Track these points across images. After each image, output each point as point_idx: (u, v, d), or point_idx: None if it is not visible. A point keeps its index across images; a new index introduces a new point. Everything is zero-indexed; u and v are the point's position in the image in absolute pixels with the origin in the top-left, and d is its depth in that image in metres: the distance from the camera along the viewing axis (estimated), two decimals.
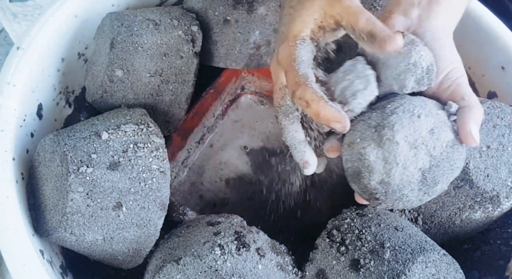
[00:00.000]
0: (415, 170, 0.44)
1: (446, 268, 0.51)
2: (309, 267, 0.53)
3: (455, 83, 0.47)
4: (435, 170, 0.45)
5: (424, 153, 0.44)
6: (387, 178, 0.44)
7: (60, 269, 0.55)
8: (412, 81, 0.46)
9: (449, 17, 0.50)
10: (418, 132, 0.44)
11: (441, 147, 0.45)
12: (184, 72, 0.62)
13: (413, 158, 0.44)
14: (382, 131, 0.44)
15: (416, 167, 0.44)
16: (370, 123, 0.45)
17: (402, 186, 0.45)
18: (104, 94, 0.61)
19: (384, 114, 0.45)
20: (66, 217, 0.49)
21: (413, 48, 0.46)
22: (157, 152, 0.52)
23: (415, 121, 0.44)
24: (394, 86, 0.47)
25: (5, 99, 0.55)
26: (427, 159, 0.44)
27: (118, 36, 0.60)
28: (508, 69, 0.68)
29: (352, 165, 0.46)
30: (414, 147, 0.44)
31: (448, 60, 0.48)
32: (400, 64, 0.46)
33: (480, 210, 0.57)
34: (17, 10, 0.89)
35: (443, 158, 0.45)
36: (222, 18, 0.66)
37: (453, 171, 0.46)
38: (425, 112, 0.45)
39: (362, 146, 0.45)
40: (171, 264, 0.50)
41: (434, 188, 0.46)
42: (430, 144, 0.44)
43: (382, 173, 0.44)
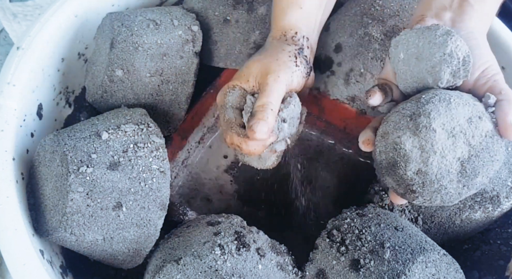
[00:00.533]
0: (454, 159, 0.43)
1: (446, 268, 0.51)
2: (309, 267, 0.53)
3: (492, 79, 0.47)
4: (475, 161, 0.43)
5: (462, 141, 0.43)
6: (425, 167, 0.43)
7: (60, 269, 0.55)
8: (447, 73, 0.45)
9: (482, 19, 0.51)
10: (455, 120, 0.43)
11: (480, 137, 0.43)
12: (184, 72, 0.62)
13: (452, 147, 0.43)
14: (418, 119, 0.43)
15: (454, 156, 0.43)
16: (405, 113, 0.44)
17: (440, 176, 0.43)
18: (104, 94, 0.61)
19: (419, 104, 0.44)
20: (66, 217, 0.49)
21: (449, 38, 0.45)
22: (157, 152, 0.52)
23: (452, 108, 0.43)
24: (429, 79, 0.46)
25: (5, 99, 0.55)
26: (466, 148, 0.43)
27: (118, 36, 0.60)
28: (508, 69, 0.68)
29: (386, 156, 0.45)
30: (452, 135, 0.43)
31: (484, 58, 0.48)
32: (435, 54, 0.45)
33: (480, 210, 0.57)
34: (17, 10, 0.89)
35: (482, 148, 0.43)
36: (222, 18, 0.66)
37: (493, 163, 0.44)
38: (462, 101, 0.44)
39: (397, 135, 0.44)
40: (171, 264, 0.50)
41: (474, 181, 0.44)
42: (468, 133, 0.43)
43: (419, 162, 0.43)
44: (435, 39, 0.46)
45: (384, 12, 0.65)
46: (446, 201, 0.45)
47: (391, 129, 0.45)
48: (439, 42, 0.45)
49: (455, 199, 0.45)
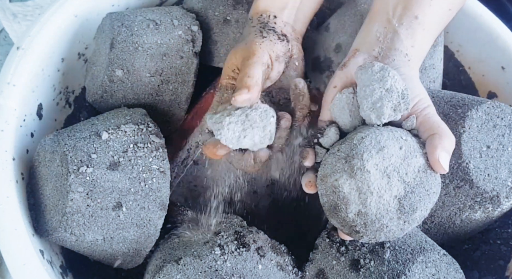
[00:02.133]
0: (391, 197, 0.44)
1: (446, 268, 0.51)
2: (309, 267, 0.53)
3: (423, 113, 0.47)
4: (411, 197, 0.44)
5: (397, 179, 0.44)
6: (364, 209, 0.44)
7: (60, 269, 0.55)
8: (389, 108, 0.46)
9: (412, 53, 0.51)
10: (387, 159, 0.44)
11: (413, 173, 0.44)
12: (184, 72, 0.62)
13: (387, 186, 0.44)
14: (352, 161, 0.44)
15: (391, 194, 0.44)
16: (340, 155, 0.45)
17: (380, 216, 0.44)
18: (104, 94, 0.61)
19: (352, 145, 0.45)
20: (66, 217, 0.49)
21: (386, 73, 0.46)
22: (157, 152, 0.52)
23: (384, 148, 0.44)
24: (372, 116, 0.47)
25: (5, 99, 0.55)
26: (401, 186, 0.44)
27: (118, 36, 0.60)
28: (508, 69, 0.68)
29: (328, 199, 0.46)
30: (386, 174, 0.44)
31: (414, 93, 0.48)
32: (376, 91, 0.46)
33: (480, 210, 0.57)
34: (17, 10, 0.89)
35: (417, 183, 0.44)
36: (222, 18, 0.66)
37: (429, 197, 0.45)
38: (393, 138, 0.45)
39: (335, 178, 0.45)
40: (171, 264, 0.50)
41: (413, 216, 0.45)
42: (402, 171, 0.44)
43: (358, 204, 0.44)
44: (373, 75, 0.47)
45: None
46: (390, 237, 0.46)
47: (328, 172, 0.46)
48: (378, 78, 0.46)
49: (398, 234, 0.46)
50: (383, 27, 0.52)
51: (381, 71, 0.46)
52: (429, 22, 0.52)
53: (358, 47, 0.53)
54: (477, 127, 0.56)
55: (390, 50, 0.51)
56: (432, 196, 0.46)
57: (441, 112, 0.58)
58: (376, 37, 0.52)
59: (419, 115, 0.47)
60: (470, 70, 0.72)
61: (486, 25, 0.69)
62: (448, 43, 0.73)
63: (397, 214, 0.44)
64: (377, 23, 0.53)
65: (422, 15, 0.51)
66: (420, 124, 0.47)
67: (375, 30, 0.53)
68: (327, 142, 0.49)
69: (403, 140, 0.45)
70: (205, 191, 0.70)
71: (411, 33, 0.51)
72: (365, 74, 0.47)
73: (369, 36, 0.53)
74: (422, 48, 0.53)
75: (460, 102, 0.58)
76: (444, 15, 0.54)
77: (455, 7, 0.55)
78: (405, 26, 0.51)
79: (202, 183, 0.71)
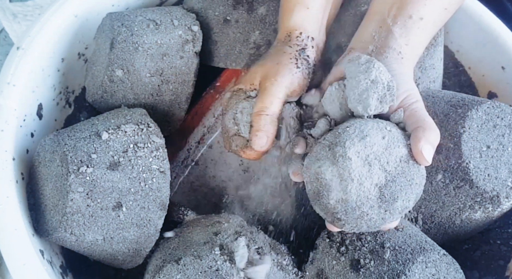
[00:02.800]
0: (371, 186, 0.44)
1: (446, 268, 0.51)
2: (309, 267, 0.53)
3: (410, 108, 0.48)
4: (392, 186, 0.45)
5: (378, 168, 0.44)
6: (345, 195, 0.44)
7: (60, 269, 0.55)
8: (375, 99, 0.47)
9: (406, 50, 0.52)
10: (369, 147, 0.44)
11: (395, 162, 0.45)
12: (184, 72, 0.62)
13: (368, 174, 0.44)
14: (334, 148, 0.45)
15: (372, 182, 0.44)
16: (325, 143, 0.46)
17: (360, 203, 0.44)
18: (104, 94, 0.61)
19: (336, 133, 0.46)
20: (66, 217, 0.49)
21: (371, 64, 0.47)
22: (157, 152, 0.52)
23: (366, 136, 0.44)
24: (358, 107, 0.47)
25: (5, 99, 0.55)
26: (382, 174, 0.44)
27: (118, 36, 0.60)
28: (508, 69, 0.68)
29: (311, 186, 0.46)
30: (367, 162, 0.44)
31: (403, 88, 0.49)
32: (361, 82, 0.47)
33: (480, 210, 0.57)
34: (17, 10, 0.89)
35: (398, 173, 0.45)
36: (222, 18, 0.66)
37: (411, 187, 0.46)
38: (377, 128, 0.45)
39: (318, 165, 0.45)
40: (171, 264, 0.50)
41: (394, 205, 0.45)
42: (383, 159, 0.44)
43: (339, 191, 0.44)
44: (359, 67, 0.47)
45: None
46: (371, 226, 0.46)
47: (313, 160, 0.46)
48: (363, 70, 0.47)
49: (379, 224, 0.46)
50: (379, 27, 0.53)
51: (366, 63, 0.47)
52: (424, 21, 0.52)
53: (353, 46, 0.54)
54: (477, 127, 0.56)
55: (384, 47, 0.52)
56: (414, 187, 0.46)
57: (441, 112, 0.58)
58: (371, 36, 0.53)
59: (406, 109, 0.48)
60: (470, 70, 0.72)
61: (486, 25, 0.69)
62: (448, 43, 0.73)
63: (377, 202, 0.45)
64: (373, 23, 0.54)
65: (416, 14, 0.52)
66: (407, 117, 0.48)
67: (370, 29, 0.54)
68: (317, 133, 0.50)
69: (387, 130, 0.45)
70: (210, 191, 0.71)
71: (405, 32, 0.52)
72: (352, 66, 0.48)
73: (364, 36, 0.54)
74: (417, 46, 0.53)
75: (460, 102, 0.58)
76: (440, 14, 0.54)
77: (451, 6, 0.55)
78: (399, 25, 0.52)
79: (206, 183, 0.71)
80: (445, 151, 0.56)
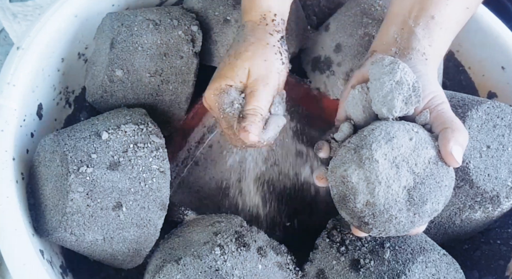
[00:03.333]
0: (400, 188, 0.43)
1: (446, 268, 0.51)
2: (309, 267, 0.53)
3: (437, 109, 0.47)
4: (421, 188, 0.44)
5: (406, 170, 0.43)
6: (372, 199, 0.43)
7: (60, 269, 0.55)
8: (400, 100, 0.46)
9: (430, 52, 0.51)
10: (396, 149, 0.43)
11: (423, 164, 0.44)
12: (184, 72, 0.62)
13: (396, 176, 0.43)
14: (360, 151, 0.44)
15: (400, 185, 0.43)
16: (350, 146, 0.45)
17: (388, 206, 0.43)
18: (104, 94, 0.61)
19: (362, 136, 0.45)
20: (66, 217, 0.49)
21: (396, 65, 0.46)
22: (157, 152, 0.52)
23: (393, 138, 0.44)
24: (383, 109, 0.46)
25: (5, 99, 0.55)
26: (410, 176, 0.43)
27: (118, 36, 0.60)
28: (508, 69, 0.68)
29: (337, 190, 0.46)
30: (395, 164, 0.43)
31: (428, 89, 0.48)
32: (386, 83, 0.46)
33: (480, 210, 0.57)
34: (17, 10, 0.89)
35: (427, 175, 0.44)
36: (222, 18, 0.66)
37: (441, 189, 0.45)
38: (403, 130, 0.44)
39: (344, 169, 0.45)
40: (171, 264, 0.50)
41: (423, 208, 0.44)
42: (411, 161, 0.44)
43: (366, 194, 0.43)
44: (383, 68, 0.47)
45: (384, 12, 0.65)
46: (400, 230, 0.45)
47: (338, 163, 0.46)
48: (387, 71, 0.46)
49: (408, 227, 0.45)
50: (400, 29, 0.52)
51: (391, 64, 0.46)
52: (446, 21, 0.52)
53: (375, 49, 0.54)
54: (477, 127, 0.56)
55: (407, 49, 0.51)
56: (444, 189, 0.45)
57: None
58: (393, 38, 0.52)
59: (433, 110, 0.47)
60: (470, 70, 0.72)
61: (486, 25, 0.69)
62: None
63: (406, 205, 0.44)
64: (394, 25, 0.53)
65: (438, 15, 0.52)
66: (433, 119, 0.47)
67: (392, 31, 0.53)
68: (341, 137, 0.49)
69: (414, 132, 0.45)
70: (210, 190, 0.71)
71: (428, 33, 0.51)
72: (376, 68, 0.47)
73: (386, 38, 0.53)
74: (440, 47, 0.53)
75: (460, 102, 0.58)
76: (462, 13, 0.54)
77: (472, 5, 0.55)
78: (421, 26, 0.51)
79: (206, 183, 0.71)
80: None
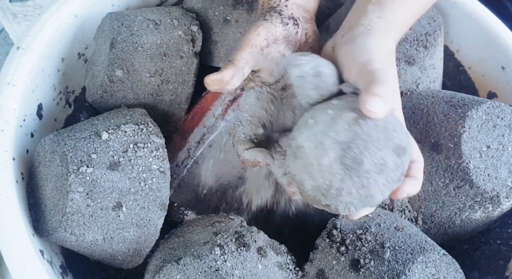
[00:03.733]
0: (330, 160, 0.43)
1: (446, 268, 0.51)
2: (309, 267, 0.53)
3: (365, 71, 0.45)
4: (350, 152, 0.43)
5: (330, 142, 0.43)
6: (313, 181, 0.44)
7: (60, 269, 0.55)
8: (310, 89, 0.48)
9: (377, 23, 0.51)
10: (315, 128, 0.44)
11: (343, 129, 0.43)
12: (184, 72, 0.62)
13: (322, 152, 0.43)
14: (291, 144, 0.45)
15: (329, 158, 0.43)
16: (288, 145, 0.47)
17: (329, 181, 0.43)
18: (104, 94, 0.61)
19: (291, 134, 0.47)
20: (66, 217, 0.49)
21: (298, 62, 0.48)
22: (157, 152, 0.52)
23: (309, 119, 0.45)
24: (303, 104, 0.48)
25: (5, 99, 0.55)
26: (336, 146, 0.43)
27: (118, 36, 0.60)
28: (508, 69, 0.68)
29: (297, 189, 0.47)
30: (318, 142, 0.44)
31: (363, 57, 0.47)
32: (296, 83, 0.49)
33: (480, 210, 0.57)
34: (17, 10, 0.89)
35: (351, 138, 0.43)
36: (222, 18, 0.66)
37: (372, 143, 0.43)
38: (319, 109, 0.45)
39: (288, 166, 0.46)
40: (171, 264, 0.50)
41: (363, 167, 0.43)
42: (331, 133, 0.43)
43: (308, 180, 0.44)
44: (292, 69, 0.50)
45: None
46: (363, 198, 0.44)
47: (286, 164, 0.47)
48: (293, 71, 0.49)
49: (366, 193, 0.44)
50: (355, 9, 0.54)
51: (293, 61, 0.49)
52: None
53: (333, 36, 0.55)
54: (477, 127, 0.56)
55: (354, 26, 0.51)
56: (376, 142, 0.43)
57: (441, 112, 0.58)
58: (345, 22, 0.54)
59: (362, 74, 0.46)
60: (470, 70, 0.72)
61: (486, 25, 0.69)
62: (448, 43, 0.73)
63: (346, 173, 0.43)
64: (351, 10, 0.54)
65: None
66: (360, 81, 0.46)
67: (348, 16, 0.54)
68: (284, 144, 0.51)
69: (332, 104, 0.45)
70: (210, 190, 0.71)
71: (379, 7, 0.51)
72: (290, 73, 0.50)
73: (345, 22, 0.54)
74: (393, 17, 0.52)
75: (460, 102, 0.58)
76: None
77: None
78: (373, 3, 0.52)
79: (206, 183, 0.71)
80: (445, 151, 0.56)
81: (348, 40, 0.50)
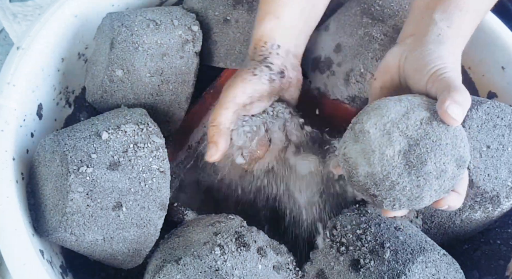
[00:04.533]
0: (394, 153, 0.44)
1: (446, 268, 0.51)
2: (309, 267, 0.53)
3: (439, 78, 0.47)
4: (416, 149, 0.43)
5: (398, 134, 0.44)
6: (370, 168, 0.44)
7: (60, 269, 0.55)
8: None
9: (447, 32, 0.52)
10: (386, 117, 0.44)
11: (415, 126, 0.44)
12: (184, 72, 0.62)
13: (388, 142, 0.44)
14: (354, 127, 0.46)
15: (394, 150, 0.44)
16: (349, 127, 0.48)
17: (387, 173, 0.44)
18: (104, 94, 0.61)
19: (357, 115, 0.47)
20: (66, 217, 0.49)
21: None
22: (157, 152, 0.52)
23: (382, 107, 0.45)
24: None
25: (5, 99, 0.55)
26: (403, 140, 0.44)
27: (118, 36, 0.60)
28: (508, 69, 0.68)
29: (345, 170, 0.47)
30: (385, 131, 0.44)
31: (433, 63, 0.48)
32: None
33: (480, 210, 0.57)
34: (17, 10, 0.89)
35: (421, 136, 0.44)
36: (222, 18, 0.66)
37: (440, 147, 0.44)
38: (394, 100, 0.46)
39: (344, 147, 0.47)
40: (171, 264, 0.50)
41: (424, 169, 0.43)
42: (401, 126, 0.44)
43: (364, 165, 0.45)
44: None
45: (384, 12, 0.65)
46: (411, 197, 0.45)
47: (341, 144, 0.48)
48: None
49: (416, 192, 0.45)
50: (421, 18, 0.54)
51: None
52: (466, 2, 0.53)
53: (397, 41, 0.55)
54: (477, 127, 0.56)
55: (424, 34, 0.52)
56: (445, 147, 0.44)
57: None
58: (413, 28, 0.54)
59: (435, 80, 0.47)
60: (470, 70, 0.72)
61: (486, 25, 0.69)
62: None
63: (405, 169, 0.44)
64: (414, 16, 0.55)
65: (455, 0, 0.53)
66: (436, 88, 0.47)
67: (412, 21, 0.55)
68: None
69: (407, 99, 0.46)
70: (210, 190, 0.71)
71: (446, 16, 0.52)
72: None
73: (407, 29, 0.55)
74: (462, 27, 0.54)
75: None
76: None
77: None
78: (440, 11, 0.52)
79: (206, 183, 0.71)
80: None
81: (417, 46, 0.51)
